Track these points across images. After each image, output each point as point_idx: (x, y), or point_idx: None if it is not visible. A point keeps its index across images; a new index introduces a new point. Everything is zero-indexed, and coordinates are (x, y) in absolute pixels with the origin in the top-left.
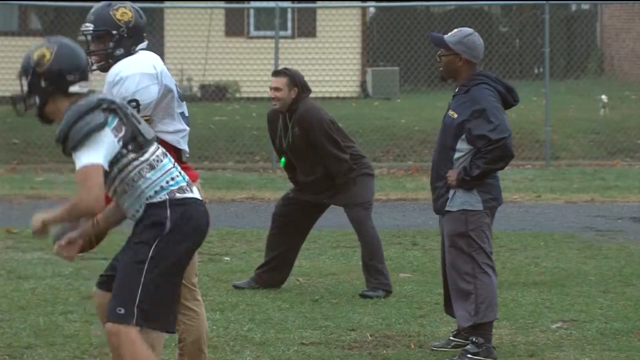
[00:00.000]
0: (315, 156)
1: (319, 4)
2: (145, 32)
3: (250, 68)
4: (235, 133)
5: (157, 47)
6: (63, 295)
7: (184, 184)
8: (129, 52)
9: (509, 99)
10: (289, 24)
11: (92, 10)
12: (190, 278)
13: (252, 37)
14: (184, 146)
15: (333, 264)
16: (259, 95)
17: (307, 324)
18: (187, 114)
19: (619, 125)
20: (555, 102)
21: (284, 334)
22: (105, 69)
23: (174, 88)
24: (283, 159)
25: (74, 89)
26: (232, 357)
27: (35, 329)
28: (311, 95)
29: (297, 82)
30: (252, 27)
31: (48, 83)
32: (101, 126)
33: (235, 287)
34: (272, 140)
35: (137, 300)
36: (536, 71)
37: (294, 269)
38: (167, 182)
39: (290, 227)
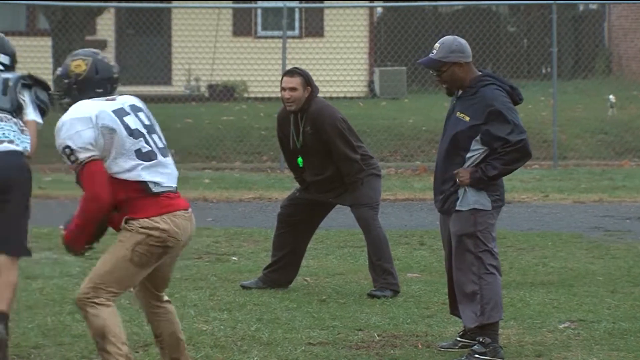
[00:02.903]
0: (326, 155)
1: (327, 3)
2: (101, 88)
3: (258, 68)
4: (243, 133)
5: (165, 47)
6: (71, 295)
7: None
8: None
9: (514, 98)
10: (297, 24)
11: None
12: (158, 288)
13: (259, 37)
14: (150, 177)
15: (340, 263)
16: (266, 95)
17: (314, 323)
18: (160, 145)
19: (627, 125)
20: (563, 102)
21: (292, 334)
22: (64, 110)
23: (118, 127)
24: (300, 159)
25: None
26: (240, 356)
27: (43, 328)
28: (319, 94)
29: (309, 81)
30: (259, 27)
31: None
32: None
33: (243, 287)
34: (280, 141)
35: None
36: (544, 71)
37: (301, 268)
38: None
39: (296, 226)
